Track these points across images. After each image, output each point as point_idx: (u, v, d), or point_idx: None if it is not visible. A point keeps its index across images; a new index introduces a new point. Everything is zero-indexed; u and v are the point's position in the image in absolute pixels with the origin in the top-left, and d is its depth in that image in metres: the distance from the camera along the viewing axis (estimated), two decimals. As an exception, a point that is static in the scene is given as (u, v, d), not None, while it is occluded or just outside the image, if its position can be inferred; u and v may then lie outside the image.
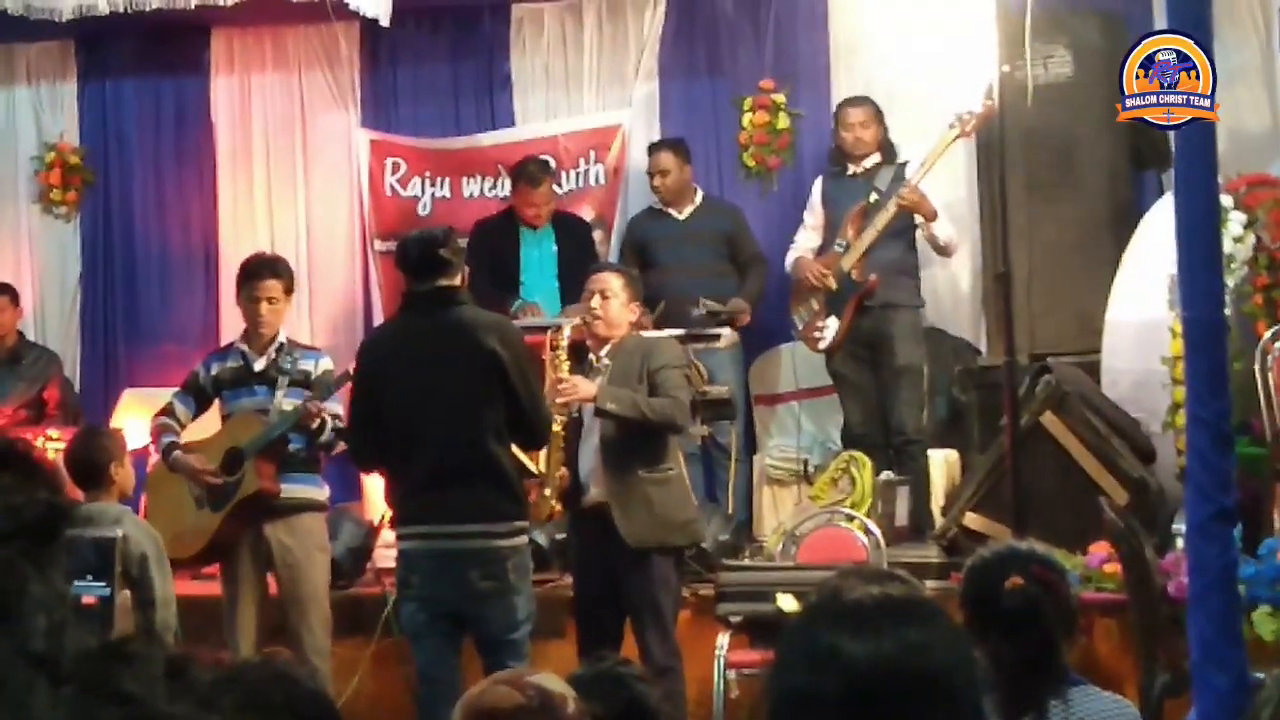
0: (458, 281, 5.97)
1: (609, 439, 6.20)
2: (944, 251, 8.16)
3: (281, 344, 6.80)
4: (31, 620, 1.16)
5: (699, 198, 8.75)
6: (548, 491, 6.31)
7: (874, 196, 8.00)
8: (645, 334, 6.78)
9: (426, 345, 5.87)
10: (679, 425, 6.34)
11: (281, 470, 6.63)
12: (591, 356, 6.41)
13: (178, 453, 6.68)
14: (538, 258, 8.67)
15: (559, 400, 6.19)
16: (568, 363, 6.31)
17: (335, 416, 6.59)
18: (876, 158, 8.20)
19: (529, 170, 8.73)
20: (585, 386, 6.14)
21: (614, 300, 6.24)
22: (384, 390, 5.92)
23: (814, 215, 8.34)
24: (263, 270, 6.83)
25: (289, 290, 6.87)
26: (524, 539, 5.98)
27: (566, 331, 6.40)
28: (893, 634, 1.84)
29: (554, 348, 6.42)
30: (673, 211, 8.69)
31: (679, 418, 6.24)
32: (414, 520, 5.92)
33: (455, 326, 5.89)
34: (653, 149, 8.84)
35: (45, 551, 1.25)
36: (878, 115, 8.27)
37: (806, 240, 8.32)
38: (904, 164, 8.12)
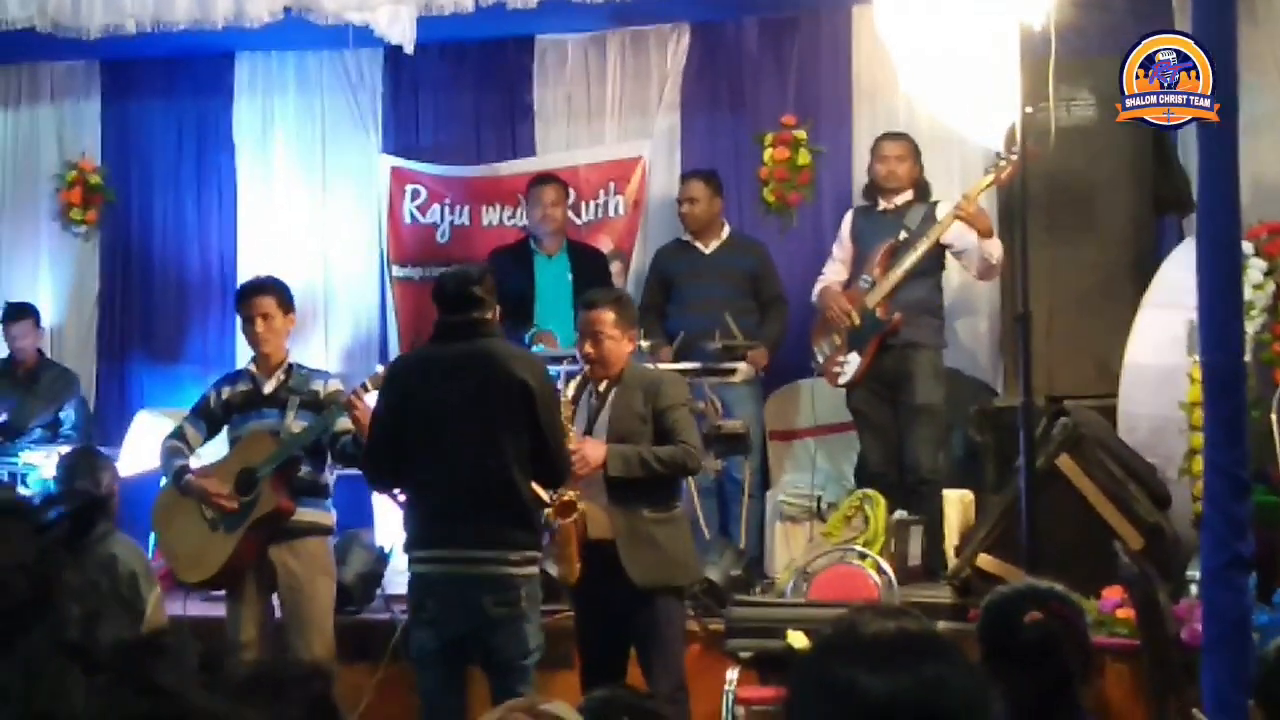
0: (489, 317, 5.99)
1: (616, 479, 6.15)
2: (990, 273, 8.04)
3: (290, 366, 6.82)
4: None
5: (726, 233, 8.74)
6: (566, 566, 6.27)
7: (903, 234, 7.98)
8: (649, 367, 6.75)
9: (456, 370, 5.87)
10: (690, 470, 6.30)
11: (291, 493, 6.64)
12: (592, 386, 6.36)
13: (189, 476, 6.67)
14: (552, 286, 8.66)
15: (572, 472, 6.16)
16: (575, 428, 6.23)
17: (347, 432, 6.59)
18: (909, 195, 8.17)
19: (540, 176, 8.88)
20: (594, 454, 6.07)
21: (606, 341, 6.17)
22: (410, 411, 5.92)
23: (842, 249, 8.31)
24: (252, 289, 6.87)
25: (286, 308, 6.84)
26: (536, 569, 5.97)
27: (569, 392, 6.36)
28: (911, 669, 1.83)
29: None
30: (699, 245, 8.69)
31: (690, 463, 6.18)
32: (430, 544, 5.92)
33: (486, 354, 5.89)
34: (685, 177, 8.86)
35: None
36: (914, 152, 8.24)
37: (834, 273, 8.29)
38: (935, 203, 8.10)
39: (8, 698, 1.09)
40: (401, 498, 6.32)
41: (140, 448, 8.53)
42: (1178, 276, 6.84)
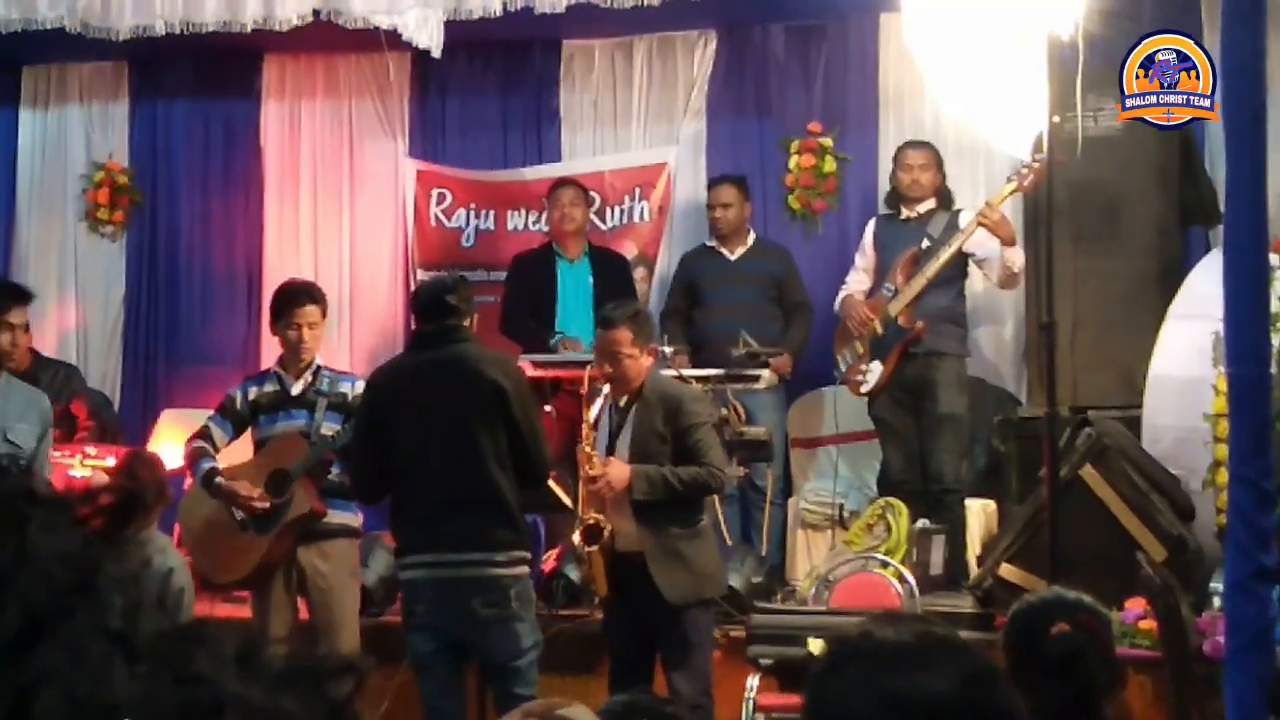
0: (465, 324, 6.08)
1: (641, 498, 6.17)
2: (1012, 282, 8.03)
3: (318, 368, 6.85)
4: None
5: (751, 239, 8.75)
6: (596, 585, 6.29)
7: (926, 243, 7.97)
8: (671, 381, 6.74)
9: (430, 376, 5.97)
10: (714, 491, 6.35)
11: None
12: (610, 400, 6.36)
13: (219, 479, 6.68)
14: (574, 290, 8.67)
15: (595, 495, 6.15)
16: (596, 454, 6.21)
17: None
18: (931, 203, 8.16)
19: (558, 181, 8.92)
20: (618, 477, 6.08)
21: (625, 360, 6.16)
22: (389, 421, 6.01)
23: (865, 257, 8.31)
24: (301, 296, 6.88)
25: (325, 314, 6.93)
26: (525, 569, 6.05)
27: (591, 415, 6.37)
28: (942, 670, 1.84)
29: (583, 429, 6.37)
30: (725, 251, 8.69)
31: (713, 484, 6.22)
32: (418, 549, 5.99)
33: (458, 359, 5.98)
34: (714, 182, 8.86)
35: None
36: (937, 160, 8.23)
37: (857, 281, 8.29)
38: (958, 211, 8.09)
39: (52, 682, 1.11)
40: None
41: (165, 448, 8.54)
42: (1204, 287, 6.82)
